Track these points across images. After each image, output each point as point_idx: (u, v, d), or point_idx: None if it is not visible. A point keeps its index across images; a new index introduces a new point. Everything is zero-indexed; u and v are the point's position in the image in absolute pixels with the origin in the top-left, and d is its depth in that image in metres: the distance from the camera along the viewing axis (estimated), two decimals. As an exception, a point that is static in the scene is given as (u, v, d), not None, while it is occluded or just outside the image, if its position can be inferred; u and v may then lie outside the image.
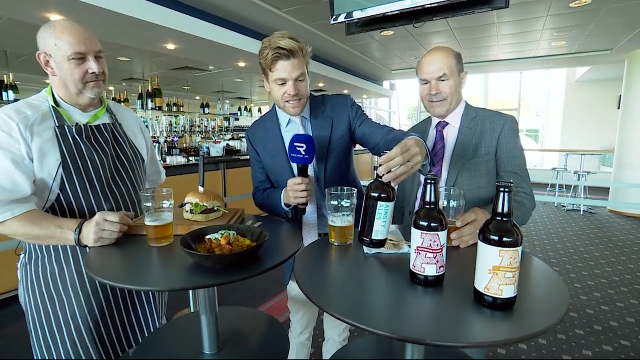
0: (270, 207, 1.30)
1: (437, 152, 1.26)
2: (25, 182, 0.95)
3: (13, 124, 0.95)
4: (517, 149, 1.20)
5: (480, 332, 0.59)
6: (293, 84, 1.15)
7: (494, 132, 1.21)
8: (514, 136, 1.21)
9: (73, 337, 1.05)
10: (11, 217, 0.93)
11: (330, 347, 1.58)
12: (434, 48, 1.25)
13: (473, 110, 1.28)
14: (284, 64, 1.12)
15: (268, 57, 1.11)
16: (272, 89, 1.20)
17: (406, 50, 5.98)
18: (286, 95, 1.17)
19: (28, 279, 1.07)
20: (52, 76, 1.04)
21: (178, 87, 8.11)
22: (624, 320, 2.51)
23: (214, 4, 3.77)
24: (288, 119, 1.28)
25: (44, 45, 1.01)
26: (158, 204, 0.93)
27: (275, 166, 1.31)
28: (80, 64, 1.01)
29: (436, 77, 1.21)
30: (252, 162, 1.40)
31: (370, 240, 0.84)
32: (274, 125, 1.30)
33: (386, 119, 10.36)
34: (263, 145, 1.33)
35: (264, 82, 1.24)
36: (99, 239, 0.92)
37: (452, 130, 1.27)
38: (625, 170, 5.76)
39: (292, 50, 1.10)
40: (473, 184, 1.20)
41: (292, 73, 1.13)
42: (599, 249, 4.04)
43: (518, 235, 0.60)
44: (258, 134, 1.35)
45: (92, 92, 1.06)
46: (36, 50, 1.03)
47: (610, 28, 4.64)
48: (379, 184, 0.81)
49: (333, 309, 0.62)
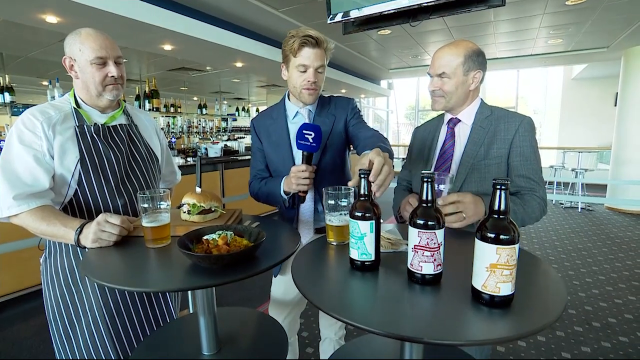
0: (267, 195, 1.33)
1: (446, 150, 1.24)
2: (45, 177, 1.02)
3: (38, 123, 1.04)
4: (531, 152, 1.15)
5: (478, 330, 0.59)
6: (314, 72, 1.21)
7: (508, 133, 1.15)
8: (529, 139, 1.15)
9: (91, 328, 1.10)
10: (27, 210, 0.99)
11: (327, 347, 1.58)
12: (451, 42, 1.21)
13: (488, 108, 1.23)
14: (309, 51, 1.19)
15: (295, 43, 1.18)
16: (292, 75, 1.25)
17: (403, 49, 5.99)
18: (305, 82, 1.22)
19: (48, 273, 1.12)
20: (75, 79, 1.13)
21: (175, 88, 8.10)
22: (622, 316, 2.52)
23: (210, 4, 3.76)
24: (296, 111, 1.32)
25: (69, 50, 1.09)
26: (155, 205, 0.93)
27: (278, 156, 1.34)
28: (101, 68, 1.09)
29: (437, 74, 1.20)
30: (253, 151, 1.43)
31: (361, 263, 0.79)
32: (281, 116, 1.35)
33: (384, 118, 10.36)
34: (268, 134, 1.36)
35: (282, 69, 1.29)
36: (97, 240, 0.93)
37: (464, 128, 1.24)
38: (623, 167, 5.78)
39: (319, 41, 1.19)
40: (482, 187, 1.15)
41: (315, 61, 1.20)
42: (597, 246, 4.05)
43: (515, 232, 0.60)
44: (264, 123, 1.38)
45: (111, 95, 1.14)
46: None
47: (607, 26, 4.65)
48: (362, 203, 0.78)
49: (331, 309, 0.62)
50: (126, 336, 1.13)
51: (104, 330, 1.10)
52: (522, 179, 1.15)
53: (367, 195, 0.79)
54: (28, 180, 1.00)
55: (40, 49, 4.54)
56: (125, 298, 1.14)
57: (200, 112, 6.51)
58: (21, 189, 0.98)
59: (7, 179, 0.98)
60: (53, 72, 5.97)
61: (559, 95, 10.01)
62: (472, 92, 1.23)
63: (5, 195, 0.97)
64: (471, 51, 1.17)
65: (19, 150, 1.01)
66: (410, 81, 11.14)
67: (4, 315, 2.60)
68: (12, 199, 0.97)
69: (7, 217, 1.00)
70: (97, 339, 1.10)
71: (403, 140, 13.61)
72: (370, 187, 0.80)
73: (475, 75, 1.20)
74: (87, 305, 1.10)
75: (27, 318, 2.55)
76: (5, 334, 2.36)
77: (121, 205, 1.15)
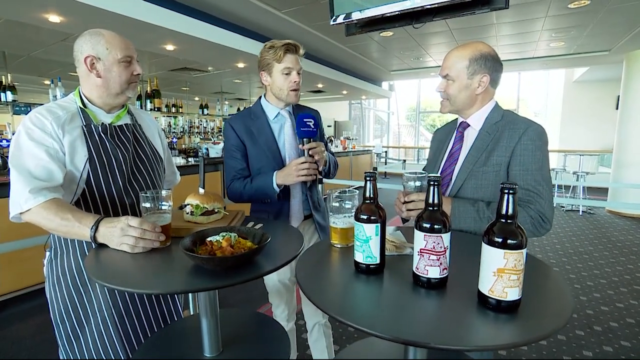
0: (255, 192, 1.37)
1: (453, 153, 1.23)
2: (59, 172, 1.02)
3: (47, 121, 1.03)
4: (533, 162, 1.07)
5: (485, 335, 0.59)
6: (297, 73, 1.38)
7: (511, 141, 1.09)
8: (533, 148, 1.07)
9: (100, 329, 1.08)
10: (43, 202, 0.96)
11: (317, 334, 1.61)
12: (463, 44, 1.17)
13: (499, 113, 1.17)
14: (291, 56, 1.35)
15: (280, 51, 1.33)
16: (277, 79, 1.38)
17: (405, 51, 5.99)
18: (292, 84, 1.37)
19: (54, 274, 1.11)
20: (96, 78, 1.11)
21: (177, 88, 8.11)
22: (624, 320, 2.50)
23: (213, 5, 3.77)
24: (277, 112, 1.45)
25: (92, 49, 1.09)
26: (157, 205, 0.92)
27: (264, 153, 1.41)
28: (128, 67, 1.13)
29: (443, 75, 1.19)
30: (229, 153, 1.45)
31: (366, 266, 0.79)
32: (262, 117, 1.45)
33: (385, 120, 10.35)
34: (250, 134, 1.42)
35: (263, 76, 1.42)
36: (121, 244, 0.89)
37: (472, 132, 1.20)
38: (624, 171, 5.77)
39: (297, 47, 1.37)
40: (477, 194, 1.12)
41: (296, 65, 1.37)
42: (598, 249, 4.04)
43: (523, 237, 0.60)
44: (244, 124, 1.44)
45: (132, 92, 1.18)
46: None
47: (609, 29, 4.65)
48: (367, 206, 0.78)
49: (336, 312, 0.62)
50: (135, 335, 1.13)
51: (113, 330, 1.09)
52: (520, 190, 1.06)
53: (373, 198, 0.79)
54: (42, 176, 0.99)
55: (43, 48, 4.54)
56: (134, 297, 1.13)
57: (202, 113, 6.50)
58: (36, 184, 0.97)
59: (21, 175, 0.97)
60: (55, 72, 5.98)
61: (560, 98, 10.01)
62: (480, 96, 1.18)
63: (21, 190, 0.96)
64: (479, 54, 1.13)
65: (30, 146, 1.00)
66: (412, 83, 11.15)
67: (3, 314, 2.60)
68: (28, 192, 0.95)
69: (21, 214, 0.97)
70: (106, 339, 1.09)
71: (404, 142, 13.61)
72: (375, 190, 0.80)
73: (482, 79, 1.14)
74: (97, 306, 1.09)
75: (26, 317, 2.54)
76: (5, 333, 2.35)
77: (129, 205, 1.15)
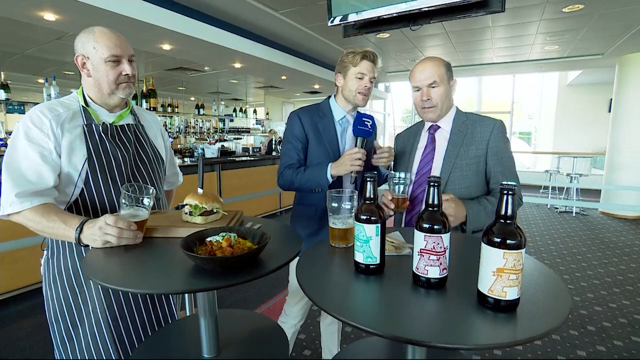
0: (307, 180, 1.43)
1: (427, 154, 1.34)
2: (50, 175, 1.01)
3: (46, 120, 1.03)
4: (505, 151, 1.27)
5: (484, 334, 0.59)
6: (369, 80, 1.46)
7: (484, 135, 1.27)
8: (502, 140, 1.27)
9: (94, 330, 1.08)
10: (29, 208, 0.97)
11: (331, 318, 1.67)
12: (425, 58, 1.33)
13: (464, 114, 1.35)
14: (367, 63, 1.44)
15: (357, 56, 1.43)
16: (349, 82, 1.47)
17: (401, 52, 6.02)
18: (362, 88, 1.46)
19: (50, 273, 1.11)
20: (87, 77, 1.11)
21: (173, 87, 8.07)
22: (617, 320, 2.54)
23: (210, 4, 3.76)
24: (343, 114, 1.53)
25: (82, 48, 1.08)
26: (134, 202, 0.95)
27: (325, 149, 1.49)
28: (115, 66, 1.09)
29: (427, 84, 1.28)
30: (290, 141, 1.52)
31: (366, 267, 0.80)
32: (329, 116, 1.53)
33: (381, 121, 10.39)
34: (315, 130, 1.50)
35: (338, 78, 1.52)
36: (105, 243, 0.92)
37: (443, 133, 1.34)
38: (616, 173, 5.85)
39: (375, 57, 1.47)
40: (464, 183, 1.26)
41: (370, 72, 1.45)
42: (591, 250, 4.09)
43: (522, 237, 0.61)
44: (312, 119, 1.51)
45: (124, 93, 1.14)
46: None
47: (602, 33, 4.71)
48: (367, 207, 0.79)
49: (336, 312, 0.62)
50: (128, 338, 1.12)
51: (107, 331, 1.09)
52: (499, 175, 1.26)
53: (373, 199, 0.80)
54: (32, 178, 0.98)
55: (37, 47, 4.50)
56: (129, 299, 1.13)
57: (198, 113, 6.48)
58: (24, 187, 0.97)
59: (10, 177, 0.97)
60: (49, 70, 5.93)
61: (554, 101, 10.12)
62: (452, 99, 1.36)
63: (8, 192, 0.96)
64: (445, 62, 1.31)
65: (25, 147, 1.00)
66: (408, 85, 11.17)
67: (-4, 315, 2.57)
68: (14, 197, 0.95)
69: (8, 215, 0.98)
70: (99, 340, 1.08)
71: (399, 143, 13.62)
72: (375, 191, 0.81)
73: (453, 84, 1.33)
74: (91, 307, 1.08)
75: (21, 318, 2.51)
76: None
77: None
